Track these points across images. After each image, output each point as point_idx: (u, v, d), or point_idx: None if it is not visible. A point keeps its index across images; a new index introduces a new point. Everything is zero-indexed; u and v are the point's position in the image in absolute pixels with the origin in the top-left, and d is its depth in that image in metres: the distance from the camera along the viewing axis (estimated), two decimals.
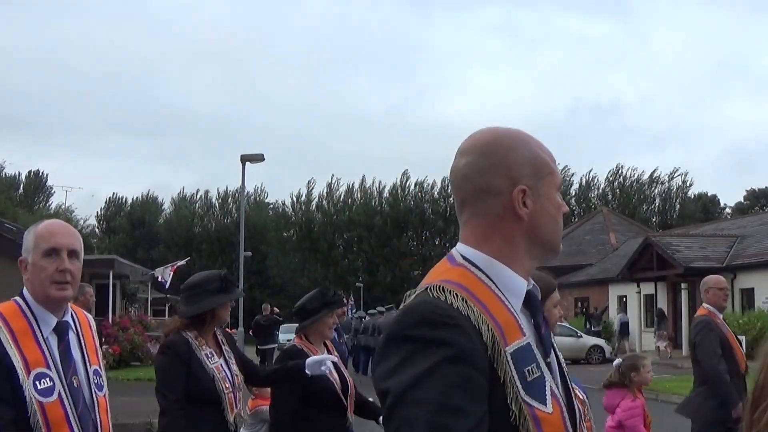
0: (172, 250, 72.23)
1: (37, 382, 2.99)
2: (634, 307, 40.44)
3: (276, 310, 30.08)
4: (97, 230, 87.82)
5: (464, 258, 1.97)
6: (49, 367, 3.06)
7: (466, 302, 1.83)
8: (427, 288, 1.89)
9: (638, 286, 39.49)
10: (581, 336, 35.35)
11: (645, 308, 40.19)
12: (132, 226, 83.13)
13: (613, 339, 39.08)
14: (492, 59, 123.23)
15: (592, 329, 39.05)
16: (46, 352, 3.10)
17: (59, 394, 3.05)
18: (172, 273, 31.14)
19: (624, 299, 42.44)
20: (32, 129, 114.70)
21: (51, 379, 3.03)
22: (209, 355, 4.80)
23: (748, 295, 33.73)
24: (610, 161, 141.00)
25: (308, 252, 78.62)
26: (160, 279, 31.03)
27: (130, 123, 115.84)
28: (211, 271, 5.24)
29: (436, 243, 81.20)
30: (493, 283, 1.92)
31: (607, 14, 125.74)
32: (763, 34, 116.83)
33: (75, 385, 3.15)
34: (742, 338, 18.86)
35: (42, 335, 3.13)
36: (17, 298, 3.20)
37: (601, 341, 36.16)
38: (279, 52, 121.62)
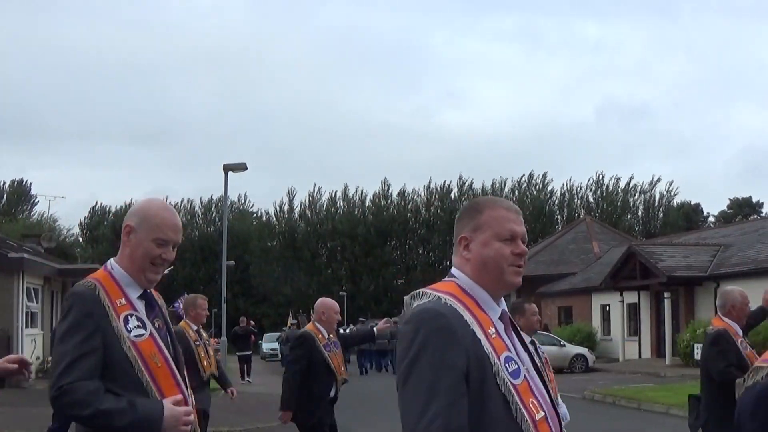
0: None
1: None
2: (617, 316, 40.47)
3: (252, 322, 35.05)
4: (80, 239, 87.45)
5: None
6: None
7: None
8: None
9: (621, 295, 39.53)
10: (564, 345, 35.38)
11: (628, 317, 40.25)
12: (115, 235, 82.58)
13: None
14: (498, 69, 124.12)
15: None
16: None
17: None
18: None
19: (607, 308, 42.53)
20: (16, 137, 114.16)
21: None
22: None
23: None
24: (601, 169, 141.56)
25: (291, 261, 78.49)
26: None
27: (115, 131, 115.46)
28: None
29: (420, 252, 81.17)
30: None
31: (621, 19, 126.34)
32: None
33: None
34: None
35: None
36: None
37: (584, 350, 36.17)
38: (275, 61, 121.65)
